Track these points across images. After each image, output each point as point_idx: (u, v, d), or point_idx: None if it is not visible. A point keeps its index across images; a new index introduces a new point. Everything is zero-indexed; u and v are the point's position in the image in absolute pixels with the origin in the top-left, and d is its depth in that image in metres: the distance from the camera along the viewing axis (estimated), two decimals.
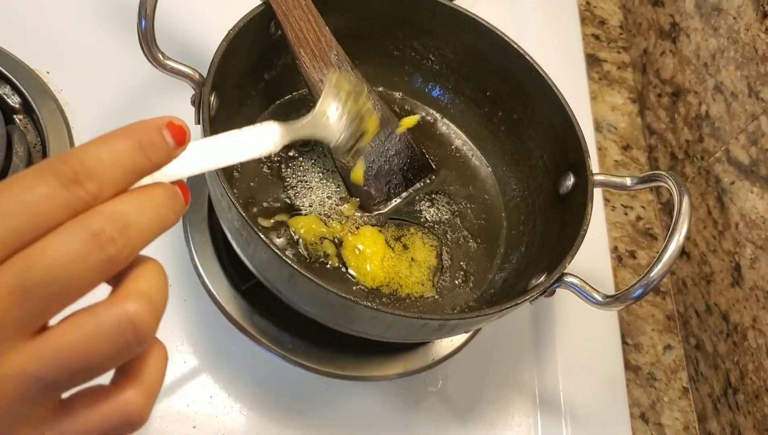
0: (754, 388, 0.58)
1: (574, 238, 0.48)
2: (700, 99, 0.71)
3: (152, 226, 0.27)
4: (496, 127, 0.63)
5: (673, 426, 0.63)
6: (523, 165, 0.61)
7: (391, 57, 0.63)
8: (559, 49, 0.80)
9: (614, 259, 0.70)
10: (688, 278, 0.69)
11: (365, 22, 0.60)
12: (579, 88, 0.79)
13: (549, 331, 0.61)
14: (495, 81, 0.61)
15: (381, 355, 0.55)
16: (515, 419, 0.57)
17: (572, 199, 0.54)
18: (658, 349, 0.67)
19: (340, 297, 0.41)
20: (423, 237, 0.57)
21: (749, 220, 0.61)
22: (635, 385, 0.64)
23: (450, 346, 0.57)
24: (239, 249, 0.48)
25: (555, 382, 0.59)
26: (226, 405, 0.51)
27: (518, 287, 0.53)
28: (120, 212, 0.25)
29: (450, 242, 0.58)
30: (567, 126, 0.55)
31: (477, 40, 0.59)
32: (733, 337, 0.61)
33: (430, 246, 0.57)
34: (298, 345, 0.53)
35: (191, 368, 0.52)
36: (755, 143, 0.62)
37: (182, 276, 0.55)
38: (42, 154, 0.57)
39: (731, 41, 0.67)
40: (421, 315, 0.44)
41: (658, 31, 0.81)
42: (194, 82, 0.48)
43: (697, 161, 0.70)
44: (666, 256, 0.44)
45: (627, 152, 0.79)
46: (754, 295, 0.59)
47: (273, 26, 0.54)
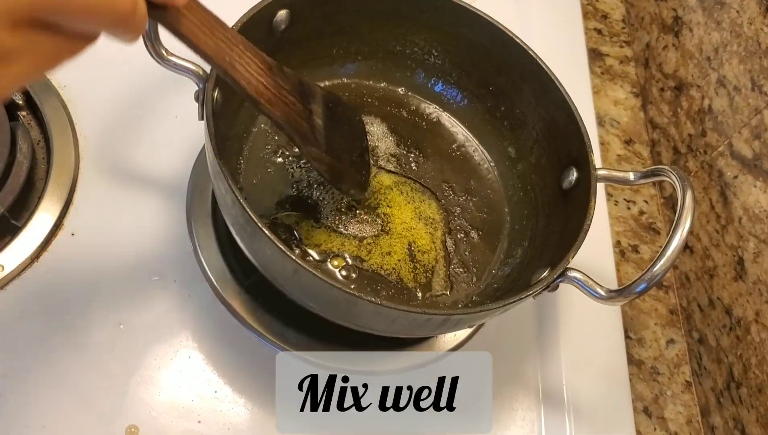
0: (758, 382, 0.58)
1: (577, 232, 0.48)
2: (703, 93, 0.71)
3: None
4: (499, 121, 0.63)
5: (676, 420, 0.63)
6: (526, 160, 0.61)
7: (394, 53, 0.63)
8: (561, 43, 0.80)
9: (617, 254, 0.70)
10: (691, 272, 0.69)
11: (367, 17, 0.60)
12: (581, 83, 0.79)
13: (552, 326, 0.61)
14: (498, 76, 0.61)
15: (385, 350, 0.55)
16: (519, 413, 0.57)
17: (575, 194, 0.54)
18: (661, 344, 0.67)
19: (343, 292, 0.41)
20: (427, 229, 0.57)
21: (752, 214, 0.61)
22: (638, 379, 0.64)
23: (454, 341, 0.57)
24: (243, 244, 0.48)
25: (558, 376, 0.59)
26: (230, 400, 0.51)
27: (521, 282, 0.53)
28: None
29: (453, 237, 0.58)
30: (570, 121, 0.55)
31: (479, 35, 0.59)
32: (736, 331, 0.62)
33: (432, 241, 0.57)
34: (303, 340, 0.54)
35: (196, 363, 0.52)
36: (758, 137, 0.62)
37: (186, 271, 0.55)
38: (45, 151, 0.57)
39: (734, 35, 0.67)
40: (425, 310, 0.44)
41: (660, 25, 0.81)
42: (197, 78, 0.48)
43: (700, 155, 0.70)
44: (669, 251, 0.44)
45: (630, 147, 0.79)
46: (757, 289, 0.59)
47: (277, 22, 0.54)
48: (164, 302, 0.54)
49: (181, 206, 0.57)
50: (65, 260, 0.53)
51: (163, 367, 0.51)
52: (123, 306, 0.53)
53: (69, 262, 0.53)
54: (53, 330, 0.50)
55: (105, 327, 0.52)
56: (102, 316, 0.52)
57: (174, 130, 0.61)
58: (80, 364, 0.50)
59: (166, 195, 0.58)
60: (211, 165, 0.46)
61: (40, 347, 0.50)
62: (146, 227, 0.56)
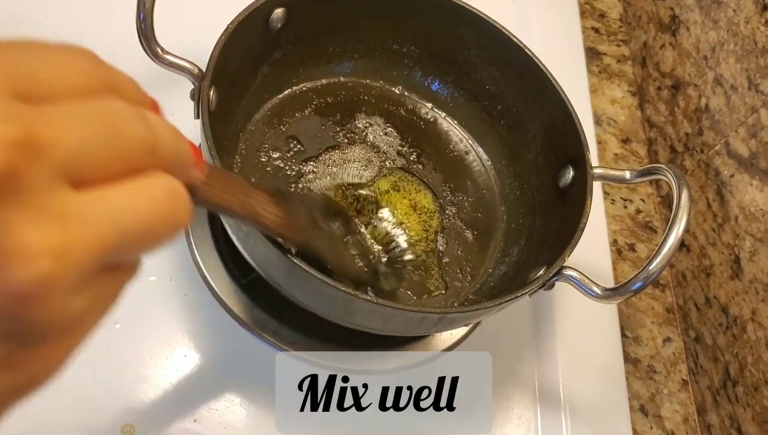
0: (754, 380, 0.58)
1: (573, 231, 0.48)
2: (700, 92, 0.71)
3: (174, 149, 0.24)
4: (496, 120, 0.63)
5: (673, 418, 0.64)
6: (523, 159, 0.61)
7: (390, 51, 0.63)
8: (558, 42, 0.80)
9: (614, 252, 0.70)
10: (687, 271, 0.69)
11: (364, 16, 0.60)
12: (579, 82, 0.79)
13: (549, 324, 0.61)
14: (495, 75, 0.61)
15: (381, 349, 0.55)
16: (515, 412, 0.57)
17: (572, 193, 0.54)
18: (657, 342, 0.67)
19: (339, 291, 0.41)
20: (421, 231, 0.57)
21: (749, 212, 0.61)
22: (635, 377, 0.64)
23: (450, 339, 0.57)
24: (239, 243, 0.48)
25: (555, 374, 0.59)
26: (226, 399, 0.51)
27: (518, 280, 0.53)
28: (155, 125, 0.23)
29: (446, 235, 0.58)
30: (567, 119, 0.55)
31: (477, 33, 0.59)
32: (733, 330, 0.62)
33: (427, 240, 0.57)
34: (299, 338, 0.53)
35: (192, 362, 0.52)
36: (755, 136, 0.62)
37: (182, 270, 0.55)
38: None
39: (731, 34, 0.67)
40: (421, 308, 0.44)
41: (657, 24, 0.81)
42: (193, 77, 0.48)
43: (696, 154, 0.70)
44: (665, 249, 0.44)
45: (626, 145, 0.79)
46: (753, 288, 0.60)
47: (273, 20, 0.54)
48: (160, 301, 0.53)
49: None
50: None
51: (159, 365, 0.51)
52: (119, 305, 0.52)
53: None
54: None
55: (101, 326, 0.51)
56: None
57: None
58: (76, 362, 0.50)
59: None
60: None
61: None
62: None
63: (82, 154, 0.20)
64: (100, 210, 0.20)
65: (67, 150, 0.19)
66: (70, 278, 0.19)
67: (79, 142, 0.20)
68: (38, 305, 0.18)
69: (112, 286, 0.24)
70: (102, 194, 0.20)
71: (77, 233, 0.19)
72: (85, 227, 0.19)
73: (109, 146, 0.21)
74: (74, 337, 0.23)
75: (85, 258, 0.19)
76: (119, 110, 0.22)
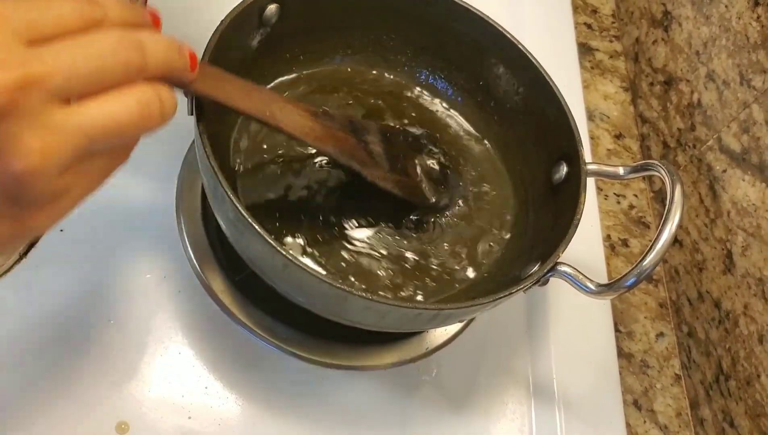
0: (746, 374, 0.59)
1: (567, 227, 0.49)
2: (692, 87, 0.71)
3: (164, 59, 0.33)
4: (489, 116, 0.63)
5: (666, 413, 0.64)
6: (516, 154, 0.61)
7: (384, 46, 0.63)
8: (551, 38, 0.80)
9: (607, 248, 0.70)
10: (680, 266, 0.70)
11: (358, 12, 0.60)
12: (571, 77, 0.79)
13: (542, 320, 0.62)
14: (488, 70, 0.61)
15: (375, 345, 0.55)
16: (509, 407, 0.57)
17: (565, 189, 0.54)
18: (650, 337, 0.67)
19: (334, 287, 0.41)
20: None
21: (741, 207, 0.61)
22: (628, 372, 0.65)
23: (444, 335, 0.57)
24: (233, 240, 0.48)
25: (548, 370, 0.59)
26: (221, 396, 0.51)
27: (512, 276, 0.53)
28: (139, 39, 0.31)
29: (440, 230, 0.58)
30: (560, 115, 0.55)
31: (470, 29, 0.59)
32: (725, 324, 0.62)
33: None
34: (293, 335, 0.53)
35: (186, 359, 0.52)
36: (747, 131, 0.62)
37: (176, 267, 0.55)
38: None
39: (723, 29, 0.67)
40: (415, 305, 0.44)
41: (650, 19, 0.81)
42: None
43: (689, 149, 0.71)
44: (659, 245, 0.44)
45: (619, 141, 0.79)
46: (745, 283, 0.60)
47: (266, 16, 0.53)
48: (154, 298, 0.53)
49: (171, 202, 0.57)
50: (54, 256, 0.53)
51: (153, 363, 0.51)
52: (112, 302, 0.52)
53: (58, 258, 0.53)
54: (42, 326, 0.50)
55: (94, 323, 0.51)
56: (91, 312, 0.52)
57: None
58: (70, 360, 0.50)
59: (155, 190, 0.57)
60: (200, 160, 0.46)
61: (29, 344, 0.49)
62: (135, 223, 0.56)
63: (70, 81, 0.28)
64: (74, 120, 0.28)
65: (57, 80, 0.27)
66: (51, 167, 0.27)
67: (67, 72, 0.27)
68: (30, 183, 0.27)
69: (98, 168, 0.31)
70: (81, 108, 0.28)
71: (55, 138, 0.27)
72: (61, 134, 0.27)
73: (95, 71, 0.28)
74: (62, 204, 0.30)
75: (60, 155, 0.27)
76: (108, 40, 0.29)
